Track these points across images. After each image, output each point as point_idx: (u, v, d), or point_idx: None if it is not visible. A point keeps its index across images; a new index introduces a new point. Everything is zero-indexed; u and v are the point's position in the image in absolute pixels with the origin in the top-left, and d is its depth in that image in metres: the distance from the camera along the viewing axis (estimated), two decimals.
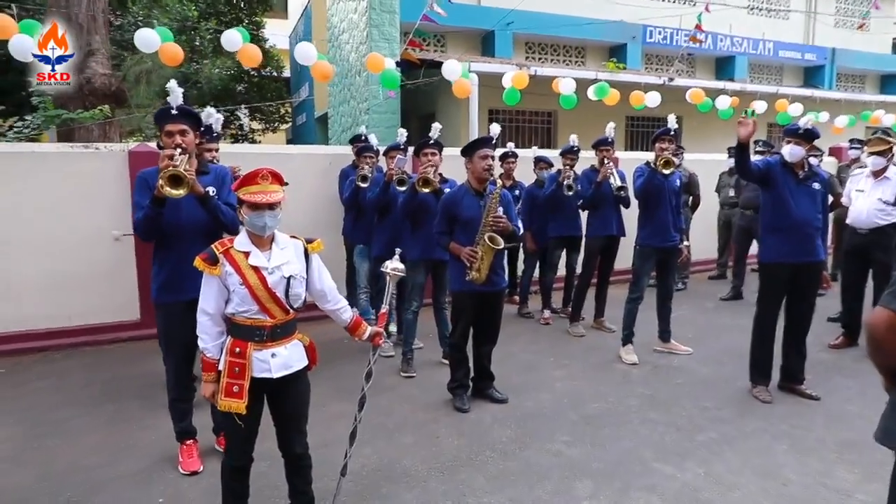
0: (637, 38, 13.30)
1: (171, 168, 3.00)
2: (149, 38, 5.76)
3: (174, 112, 3.19)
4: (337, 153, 6.97)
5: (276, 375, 2.52)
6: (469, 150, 4.21)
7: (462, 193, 4.22)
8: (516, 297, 7.38)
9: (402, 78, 7.59)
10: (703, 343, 5.82)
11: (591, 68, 12.25)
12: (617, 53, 13.41)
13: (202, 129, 3.95)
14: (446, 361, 4.80)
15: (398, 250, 3.01)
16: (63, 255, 5.64)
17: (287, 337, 2.58)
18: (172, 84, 3.24)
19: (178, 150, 3.07)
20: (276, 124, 23.75)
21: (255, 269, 2.47)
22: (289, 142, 24.50)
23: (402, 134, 5.42)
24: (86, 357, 5.57)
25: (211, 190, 3.32)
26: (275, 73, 21.63)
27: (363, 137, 6.16)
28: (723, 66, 14.82)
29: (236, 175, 4.48)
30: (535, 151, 7.20)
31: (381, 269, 2.93)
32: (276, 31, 20.73)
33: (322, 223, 6.58)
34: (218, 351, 2.55)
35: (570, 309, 6.57)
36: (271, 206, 2.45)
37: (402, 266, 2.94)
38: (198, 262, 2.47)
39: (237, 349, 2.50)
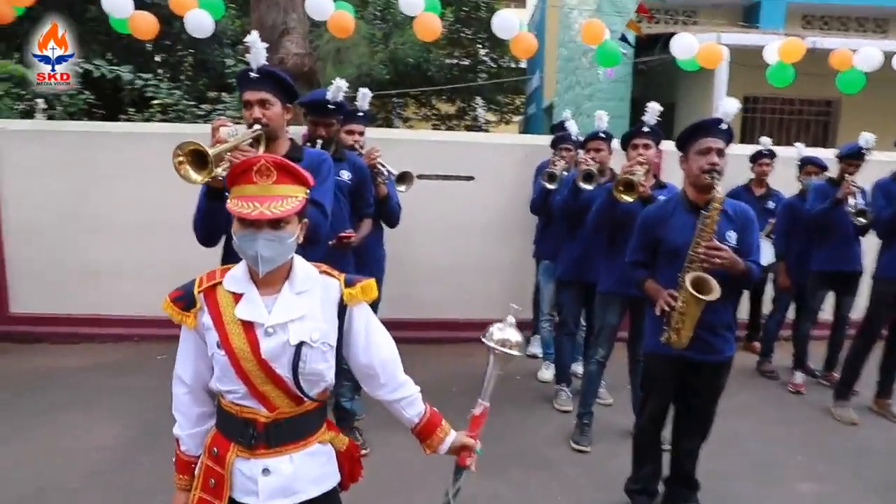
0: None
1: (221, 145, 2.15)
2: (414, 3, 5.08)
3: (254, 75, 2.35)
4: (536, 144, 5.81)
5: None
6: (684, 141, 2.74)
7: (672, 207, 2.78)
8: (757, 345, 5.53)
9: (627, 56, 6.12)
10: None
11: None
12: None
13: (332, 105, 3.14)
14: None
15: (514, 306, 1.77)
16: None
17: (296, 442, 1.54)
18: (253, 36, 2.39)
19: (228, 124, 2.21)
20: (509, 116, 23.32)
21: (245, 325, 1.48)
22: (521, 133, 23.80)
23: (602, 118, 4.06)
24: None
25: None
26: (513, 64, 21.13)
27: (563, 125, 4.95)
28: None
29: (374, 163, 3.60)
30: (802, 150, 5.24)
31: (484, 339, 1.71)
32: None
33: (512, 229, 5.52)
34: (196, 445, 1.61)
35: (836, 375, 4.61)
36: (273, 225, 1.43)
37: (517, 339, 1.70)
38: (166, 305, 1.54)
39: (215, 449, 1.54)
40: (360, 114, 3.83)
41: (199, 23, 4.74)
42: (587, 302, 4.12)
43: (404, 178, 3.69)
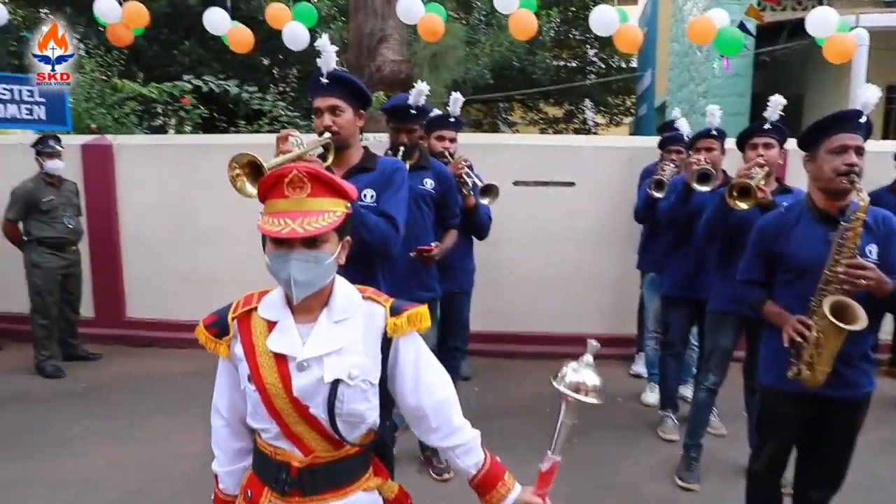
0: None
1: (284, 155, 2.04)
2: (508, 1, 4.93)
3: (324, 81, 2.23)
4: (642, 146, 5.41)
5: None
6: (811, 139, 2.31)
7: (795, 216, 2.36)
8: None
9: (747, 46, 5.57)
10: None
11: None
12: None
13: (414, 110, 3.00)
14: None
15: (592, 343, 1.49)
16: None
17: (335, 490, 1.37)
18: (323, 41, 2.28)
19: (295, 135, 2.10)
20: (619, 117, 22.42)
21: (278, 357, 1.33)
22: (631, 135, 22.84)
23: (714, 114, 3.62)
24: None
25: (367, 194, 2.29)
26: (623, 63, 20.30)
27: (673, 125, 4.54)
28: None
29: (460, 173, 3.42)
30: None
31: (555, 382, 1.45)
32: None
33: (615, 238, 5.16)
34: (234, 483, 1.48)
35: None
36: (307, 244, 1.28)
37: (594, 383, 1.42)
38: (199, 331, 1.43)
39: (249, 492, 1.41)
40: (452, 119, 3.67)
41: (296, 35, 4.79)
42: (698, 319, 3.72)
43: (489, 191, 3.49)
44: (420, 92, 2.98)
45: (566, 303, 5.29)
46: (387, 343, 1.38)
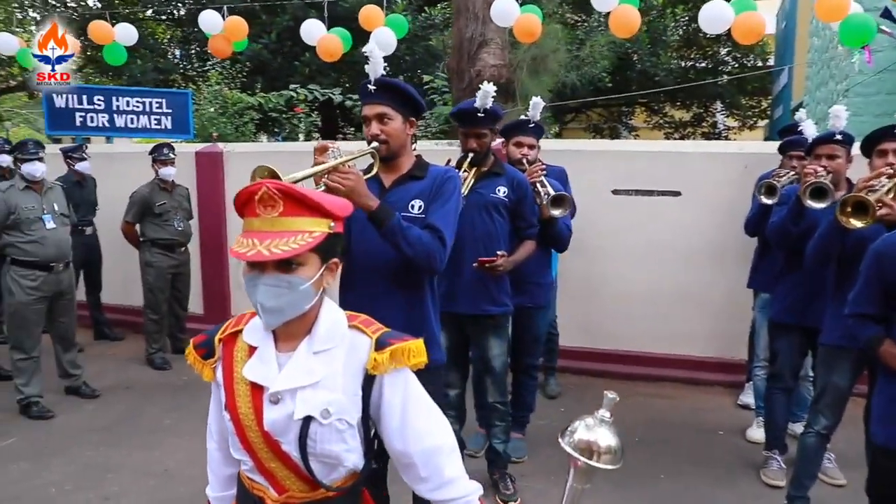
0: None
1: (319, 165, 1.96)
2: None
3: (371, 88, 2.14)
4: (760, 152, 4.86)
5: None
6: None
7: None
8: None
9: (894, 36, 4.86)
10: None
11: None
12: None
13: (482, 114, 2.86)
14: None
15: (609, 394, 1.23)
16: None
17: None
18: (371, 45, 2.18)
19: (333, 147, 2.01)
20: (754, 120, 20.78)
21: (254, 387, 1.23)
22: (766, 139, 21.11)
23: (840, 115, 3.10)
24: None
25: (415, 204, 2.17)
26: (759, 62, 18.82)
27: (797, 128, 4.03)
28: None
29: (534, 181, 3.21)
30: None
31: (562, 440, 1.20)
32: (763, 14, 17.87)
33: (727, 254, 4.69)
34: None
35: None
36: (281, 266, 1.17)
37: (608, 444, 1.16)
38: (188, 352, 1.36)
39: None
40: (531, 125, 3.48)
41: (384, 39, 4.79)
42: (812, 349, 3.25)
43: (560, 201, 3.24)
44: (486, 94, 2.81)
45: (667, 322, 4.87)
46: (369, 380, 1.23)
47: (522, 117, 3.54)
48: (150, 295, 5.17)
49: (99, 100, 6.60)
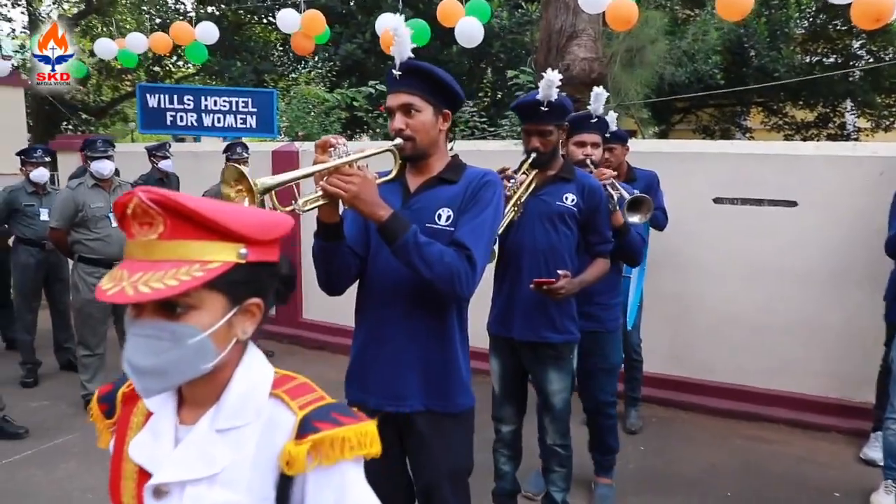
0: None
1: (317, 165, 1.61)
2: None
3: (397, 74, 1.78)
4: None
5: None
6: None
7: None
8: None
9: None
10: None
11: None
12: None
13: (545, 107, 2.45)
14: None
15: None
16: None
17: None
18: (397, 21, 1.81)
19: (340, 144, 1.64)
20: (891, 121, 18.61)
21: (140, 470, 0.90)
22: None
23: None
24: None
25: (442, 214, 1.79)
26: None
27: None
28: None
29: (604, 184, 2.74)
30: None
31: None
32: None
33: (854, 278, 3.99)
34: None
35: None
36: (162, 312, 0.84)
37: None
38: (92, 404, 1.05)
39: None
40: (593, 120, 2.98)
41: (470, 30, 4.43)
42: None
43: (639, 205, 2.74)
44: (550, 83, 2.37)
45: (775, 353, 4.19)
46: (286, 479, 0.88)
47: (584, 111, 3.06)
48: None
49: (188, 99, 6.73)
